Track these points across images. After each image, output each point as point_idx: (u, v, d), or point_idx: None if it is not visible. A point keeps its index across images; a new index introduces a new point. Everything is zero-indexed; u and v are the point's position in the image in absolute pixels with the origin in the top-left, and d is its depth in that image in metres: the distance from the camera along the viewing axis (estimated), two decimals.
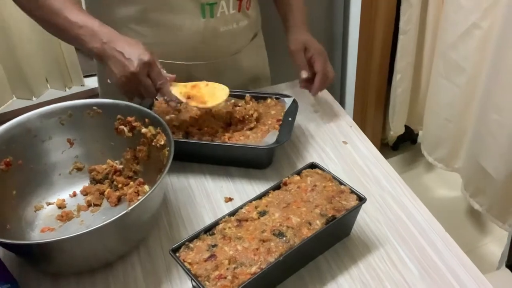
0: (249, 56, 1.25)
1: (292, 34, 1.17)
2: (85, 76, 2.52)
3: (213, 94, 1.03)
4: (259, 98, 1.12)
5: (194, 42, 1.11)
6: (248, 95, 1.12)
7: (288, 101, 1.10)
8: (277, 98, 1.12)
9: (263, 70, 1.36)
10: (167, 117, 1.04)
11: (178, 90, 0.99)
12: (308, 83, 1.15)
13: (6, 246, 0.82)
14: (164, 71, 0.97)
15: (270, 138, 1.01)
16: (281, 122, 1.05)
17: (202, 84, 1.04)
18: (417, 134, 2.42)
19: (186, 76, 1.14)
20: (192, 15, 1.08)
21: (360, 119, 2.17)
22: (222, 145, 1.01)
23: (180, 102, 0.99)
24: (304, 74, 1.12)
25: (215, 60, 1.17)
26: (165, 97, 0.97)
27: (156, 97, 1.03)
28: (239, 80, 1.25)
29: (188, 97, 1.00)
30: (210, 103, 1.01)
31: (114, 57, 0.92)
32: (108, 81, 0.96)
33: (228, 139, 1.02)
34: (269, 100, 1.11)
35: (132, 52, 0.91)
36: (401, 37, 1.86)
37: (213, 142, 1.01)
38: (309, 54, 1.13)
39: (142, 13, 1.07)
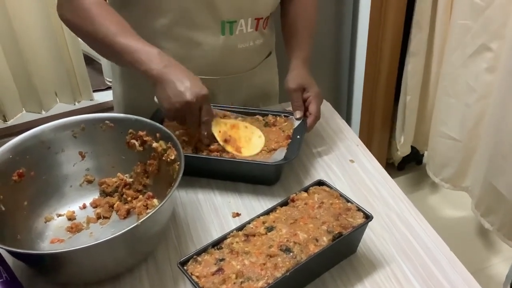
0: (262, 74, 1.28)
1: (293, 71, 1.17)
2: (95, 91, 2.55)
3: (249, 140, 1.07)
4: (268, 115, 1.14)
5: (213, 57, 1.15)
6: (258, 115, 1.14)
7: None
8: (285, 116, 1.13)
9: (273, 87, 1.38)
10: (177, 132, 1.06)
11: (218, 127, 1.03)
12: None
13: (17, 255, 0.83)
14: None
15: (278, 155, 1.02)
16: (289, 139, 1.07)
17: (241, 125, 1.08)
18: (423, 155, 2.43)
19: None
20: (212, 32, 1.12)
21: (366, 139, 2.18)
22: (230, 161, 1.02)
23: (217, 142, 1.03)
24: (298, 115, 1.12)
25: (231, 75, 1.21)
26: (205, 133, 1.00)
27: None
28: (252, 96, 1.28)
29: (226, 140, 1.04)
30: (246, 153, 1.04)
31: (173, 82, 0.94)
32: (155, 100, 0.98)
33: (236, 156, 1.03)
34: (278, 118, 1.13)
35: (192, 83, 0.94)
36: (410, 59, 1.89)
37: (222, 158, 1.02)
38: (306, 95, 1.13)
39: (168, 28, 1.11)
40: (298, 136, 1.07)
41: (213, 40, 1.13)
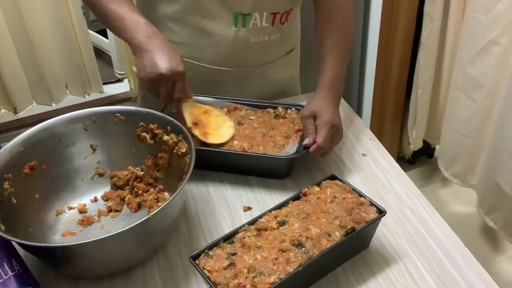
0: (279, 70, 1.26)
1: (312, 97, 1.07)
2: (104, 83, 2.56)
3: (218, 129, 1.05)
4: (278, 107, 1.13)
5: (224, 48, 1.14)
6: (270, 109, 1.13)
7: None
8: (297, 109, 1.12)
9: (293, 85, 1.35)
10: (188, 125, 1.05)
11: (190, 109, 1.01)
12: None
13: (28, 248, 0.84)
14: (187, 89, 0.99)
15: (290, 149, 1.01)
16: (301, 132, 1.06)
17: (214, 112, 1.07)
18: (434, 149, 2.41)
19: (213, 79, 1.17)
20: (224, 23, 1.11)
21: (377, 132, 2.17)
22: (242, 154, 1.01)
23: (184, 125, 0.99)
24: (306, 141, 1.02)
25: (243, 68, 1.19)
26: (174, 111, 0.99)
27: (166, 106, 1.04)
28: (266, 92, 1.25)
29: (195, 123, 1.02)
30: (211, 140, 1.03)
31: (151, 53, 0.93)
32: (134, 68, 0.98)
33: (248, 149, 1.03)
34: (289, 110, 1.12)
35: (170, 58, 0.93)
36: (422, 52, 1.86)
37: (233, 151, 1.02)
38: (316, 123, 1.03)
39: (180, 14, 1.10)
40: None
41: (225, 31, 1.11)
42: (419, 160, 2.44)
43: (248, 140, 1.05)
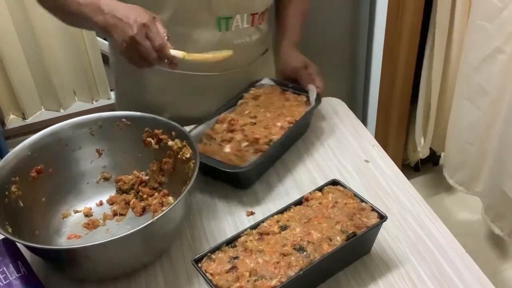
0: (259, 69, 1.30)
1: (290, 52, 1.25)
2: (112, 90, 2.58)
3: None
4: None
5: None
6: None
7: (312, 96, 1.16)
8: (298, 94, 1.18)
9: None
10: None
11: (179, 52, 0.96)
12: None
13: (35, 250, 0.85)
14: (164, 32, 0.93)
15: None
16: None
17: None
18: (439, 156, 2.41)
19: (200, 86, 1.19)
20: (209, 28, 1.13)
21: (382, 140, 2.17)
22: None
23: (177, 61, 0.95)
24: (316, 90, 1.17)
25: (229, 71, 1.21)
26: (166, 60, 0.94)
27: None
28: None
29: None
30: (212, 58, 1.00)
31: (115, 25, 0.91)
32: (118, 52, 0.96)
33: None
34: (299, 97, 1.18)
35: (130, 16, 0.90)
36: (428, 60, 1.87)
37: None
38: (309, 72, 1.20)
39: (166, 25, 1.09)
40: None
41: (210, 36, 1.13)
42: (424, 167, 2.44)
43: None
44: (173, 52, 0.93)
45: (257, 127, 1.08)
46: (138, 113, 1.02)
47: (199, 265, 0.80)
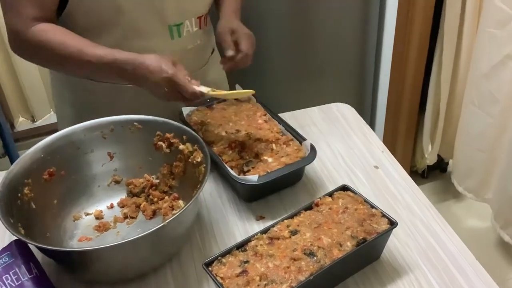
0: (211, 70, 1.30)
1: (221, 19, 1.21)
2: None
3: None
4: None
5: None
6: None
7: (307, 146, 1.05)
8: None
9: (223, 82, 1.41)
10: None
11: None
12: (232, 64, 1.15)
13: (46, 252, 0.86)
14: (187, 75, 0.98)
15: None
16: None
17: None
18: (447, 163, 2.40)
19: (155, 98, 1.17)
20: (162, 38, 1.13)
21: (390, 146, 2.16)
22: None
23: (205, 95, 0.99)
24: (230, 52, 1.12)
25: None
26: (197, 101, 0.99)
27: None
28: None
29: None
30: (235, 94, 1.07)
31: (145, 76, 0.96)
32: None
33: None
34: (292, 142, 1.08)
35: (156, 71, 0.95)
36: (437, 66, 1.87)
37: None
38: (235, 36, 1.15)
39: (121, 41, 1.09)
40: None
41: (164, 45, 1.13)
42: (432, 174, 2.43)
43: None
44: (201, 89, 0.98)
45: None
46: (150, 117, 1.02)
47: (210, 268, 0.80)
